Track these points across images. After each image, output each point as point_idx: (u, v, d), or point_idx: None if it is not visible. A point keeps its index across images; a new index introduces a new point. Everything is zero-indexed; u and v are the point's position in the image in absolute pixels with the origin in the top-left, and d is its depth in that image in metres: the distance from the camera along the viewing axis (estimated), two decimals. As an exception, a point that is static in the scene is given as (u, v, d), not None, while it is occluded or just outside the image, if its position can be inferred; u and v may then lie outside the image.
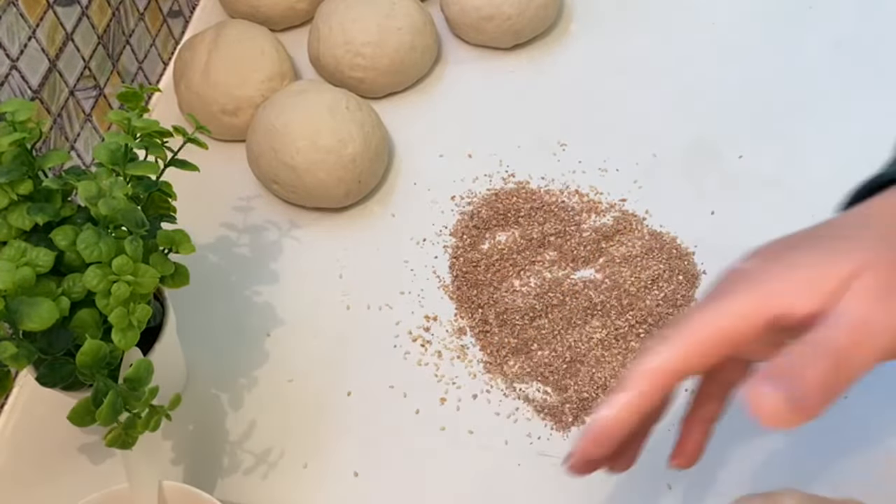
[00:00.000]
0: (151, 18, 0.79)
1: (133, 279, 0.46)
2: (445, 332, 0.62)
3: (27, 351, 0.44)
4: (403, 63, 0.75)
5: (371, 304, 0.64)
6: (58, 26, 0.64)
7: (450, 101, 0.77)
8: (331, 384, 0.60)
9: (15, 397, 0.61)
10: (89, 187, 0.47)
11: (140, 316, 0.46)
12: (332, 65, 0.75)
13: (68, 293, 0.46)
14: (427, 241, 0.67)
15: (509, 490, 0.55)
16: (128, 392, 0.45)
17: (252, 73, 0.72)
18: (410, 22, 0.75)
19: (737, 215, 0.66)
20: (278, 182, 0.68)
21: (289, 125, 0.66)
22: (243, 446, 0.58)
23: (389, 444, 0.57)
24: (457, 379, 0.60)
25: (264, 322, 0.64)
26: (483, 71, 0.78)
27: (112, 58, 0.73)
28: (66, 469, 0.57)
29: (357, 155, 0.66)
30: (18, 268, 0.43)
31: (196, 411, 0.59)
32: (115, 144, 0.50)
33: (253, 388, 0.60)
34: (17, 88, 0.60)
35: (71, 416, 0.45)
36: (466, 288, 0.64)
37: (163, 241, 0.51)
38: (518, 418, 0.58)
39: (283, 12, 0.80)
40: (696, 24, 0.78)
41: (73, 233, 0.46)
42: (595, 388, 0.58)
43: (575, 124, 0.72)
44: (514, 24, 0.76)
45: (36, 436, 0.59)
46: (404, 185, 0.71)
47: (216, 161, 0.64)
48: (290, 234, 0.68)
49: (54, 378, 0.47)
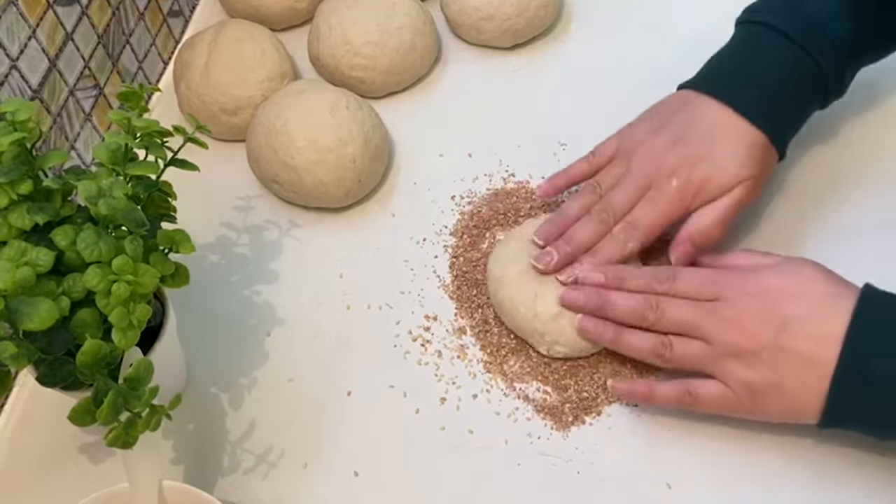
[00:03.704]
0: (151, 18, 0.79)
1: (133, 279, 0.46)
2: (445, 332, 0.62)
3: (27, 351, 0.44)
4: (403, 63, 0.75)
5: (371, 304, 0.64)
6: (58, 26, 0.64)
7: (450, 101, 0.77)
8: (331, 384, 0.60)
9: (15, 397, 0.61)
10: (89, 187, 0.47)
11: (140, 316, 0.46)
12: (331, 65, 0.75)
13: (68, 293, 0.45)
14: (427, 241, 0.67)
15: (509, 490, 0.55)
16: (128, 392, 0.45)
17: (252, 72, 0.72)
18: (410, 22, 0.75)
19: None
20: (278, 182, 0.68)
21: (289, 125, 0.66)
22: (243, 446, 0.58)
23: (389, 444, 0.57)
24: (457, 379, 0.60)
25: (264, 322, 0.64)
26: (483, 71, 0.78)
27: (112, 57, 0.73)
28: (66, 469, 0.57)
29: (357, 155, 0.66)
30: (18, 268, 0.43)
31: (196, 411, 0.59)
32: (115, 144, 0.50)
33: (253, 388, 0.60)
34: (17, 88, 0.60)
35: (71, 416, 0.45)
36: (466, 288, 0.64)
37: (163, 241, 0.51)
38: (518, 418, 0.58)
39: (283, 12, 0.80)
40: (695, 24, 0.78)
41: (73, 232, 0.46)
42: (595, 387, 0.58)
43: (575, 124, 0.72)
44: (514, 24, 0.76)
45: (36, 436, 0.59)
46: (404, 184, 0.71)
47: (216, 161, 0.64)
48: (290, 234, 0.68)
49: (54, 378, 0.47)
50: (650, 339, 0.55)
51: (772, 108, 0.60)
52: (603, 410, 0.57)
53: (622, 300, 0.56)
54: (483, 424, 0.57)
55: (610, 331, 0.56)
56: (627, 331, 0.56)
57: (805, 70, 0.60)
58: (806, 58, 0.59)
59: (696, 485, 0.54)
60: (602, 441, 0.56)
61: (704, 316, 0.53)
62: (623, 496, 0.54)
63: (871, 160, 0.68)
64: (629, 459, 0.55)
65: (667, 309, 0.55)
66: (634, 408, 0.57)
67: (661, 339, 0.55)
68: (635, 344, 0.56)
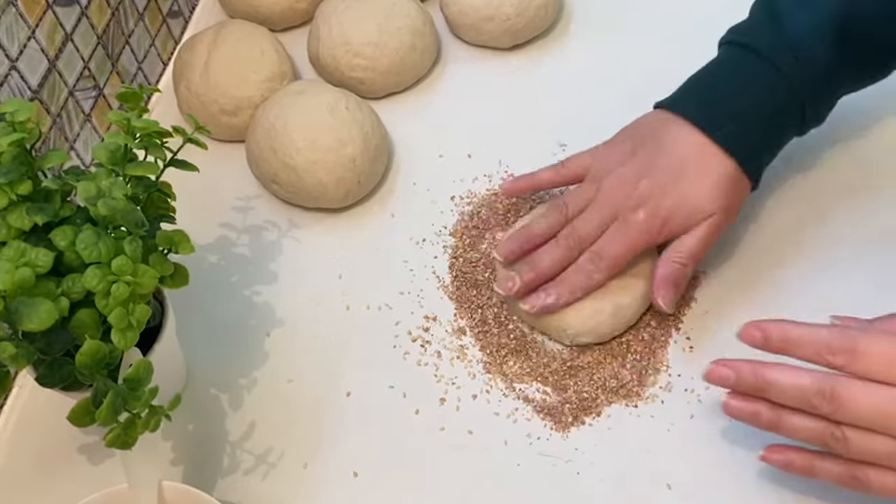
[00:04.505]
0: (151, 18, 0.79)
1: (132, 279, 0.46)
2: (445, 333, 0.62)
3: (27, 351, 0.44)
4: (403, 63, 0.75)
5: (371, 304, 0.64)
6: (57, 26, 0.64)
7: (450, 101, 0.77)
8: (331, 384, 0.60)
9: (15, 397, 0.61)
10: (89, 187, 0.47)
11: (139, 316, 0.46)
12: (331, 65, 0.75)
13: (68, 293, 0.45)
14: (427, 242, 0.67)
15: (509, 490, 0.55)
16: (127, 392, 0.45)
17: (252, 73, 0.72)
18: (410, 22, 0.75)
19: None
20: (278, 182, 0.68)
21: (289, 125, 0.66)
22: (243, 446, 0.58)
23: (389, 444, 0.57)
24: (456, 379, 0.60)
25: (264, 322, 0.64)
26: (483, 71, 0.78)
27: (112, 58, 0.73)
28: (66, 469, 0.57)
29: (357, 155, 0.66)
30: (18, 268, 0.43)
31: (196, 411, 0.59)
32: (115, 145, 0.50)
33: (253, 388, 0.60)
34: (17, 88, 0.60)
35: (71, 416, 0.45)
36: (466, 288, 0.64)
37: (162, 242, 0.51)
38: (518, 418, 0.58)
39: (283, 12, 0.80)
40: (695, 24, 0.78)
41: (73, 233, 0.46)
42: (595, 388, 0.58)
43: (575, 124, 0.72)
44: (514, 24, 0.76)
45: (36, 436, 0.59)
46: (404, 185, 0.71)
47: (216, 161, 0.64)
48: (290, 234, 0.68)
49: (54, 378, 0.47)
50: (818, 428, 0.46)
51: (745, 135, 0.58)
52: (603, 411, 0.57)
53: (787, 382, 0.46)
54: (483, 425, 0.57)
55: (765, 414, 0.48)
56: (787, 413, 0.47)
57: (783, 97, 0.58)
58: (784, 85, 0.58)
59: (696, 485, 0.54)
60: (602, 441, 0.56)
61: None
62: (623, 496, 0.54)
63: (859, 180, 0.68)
64: (629, 459, 0.55)
65: (846, 400, 0.44)
66: (634, 408, 0.57)
67: (832, 431, 0.45)
68: (798, 429, 0.47)
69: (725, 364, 0.49)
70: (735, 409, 0.49)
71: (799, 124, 0.60)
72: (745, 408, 0.49)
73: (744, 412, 0.49)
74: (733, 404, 0.49)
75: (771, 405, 0.48)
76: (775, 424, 0.48)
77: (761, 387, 0.47)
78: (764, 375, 0.47)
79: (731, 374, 0.48)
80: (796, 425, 0.47)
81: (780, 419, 0.47)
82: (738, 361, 0.49)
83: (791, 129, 0.61)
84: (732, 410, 0.49)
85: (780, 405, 0.47)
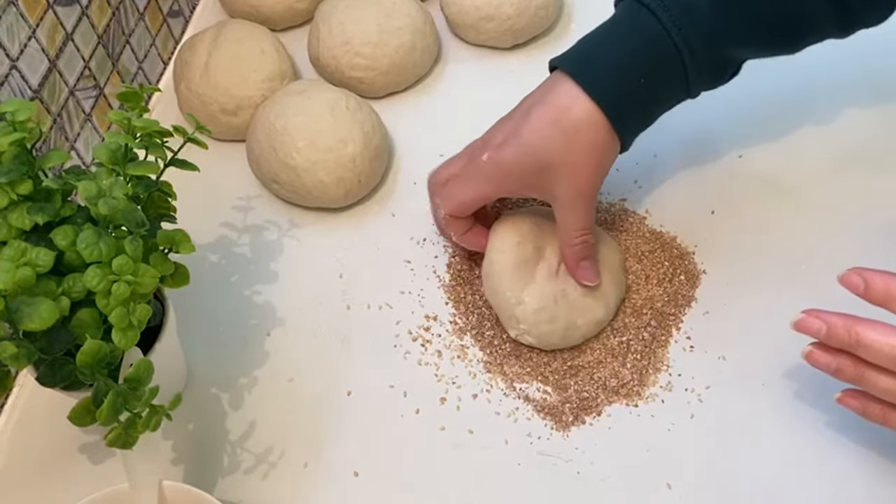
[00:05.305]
0: (151, 18, 0.79)
1: (133, 279, 0.46)
2: (445, 332, 0.62)
3: (27, 351, 0.44)
4: (403, 63, 0.75)
5: (371, 304, 0.64)
6: (58, 26, 0.64)
7: (450, 101, 0.77)
8: (331, 384, 0.60)
9: (15, 397, 0.61)
10: (89, 187, 0.47)
11: (140, 316, 0.46)
12: (331, 65, 0.75)
13: (68, 293, 0.46)
14: (427, 241, 0.67)
15: (509, 490, 0.55)
16: (128, 392, 0.45)
17: (252, 73, 0.72)
18: (410, 22, 0.75)
19: (737, 215, 0.66)
20: (278, 182, 0.68)
21: (289, 125, 0.66)
22: (243, 446, 0.58)
23: (389, 444, 0.57)
24: (457, 379, 0.60)
25: (264, 322, 0.64)
26: (483, 71, 0.78)
27: (112, 58, 0.73)
28: (66, 469, 0.57)
29: (357, 155, 0.66)
30: (18, 268, 0.43)
31: (196, 411, 0.59)
32: (115, 144, 0.50)
33: (253, 388, 0.60)
34: (17, 88, 0.60)
35: (71, 416, 0.45)
36: (466, 288, 0.64)
37: (163, 241, 0.51)
38: (518, 418, 0.58)
39: (283, 12, 0.80)
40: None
41: (73, 233, 0.46)
42: (595, 387, 0.58)
43: (575, 124, 0.72)
44: (514, 24, 0.76)
45: (36, 436, 0.59)
46: (404, 184, 0.71)
47: (216, 161, 0.64)
48: (290, 233, 0.68)
49: (54, 378, 0.47)
50: None
51: (617, 85, 0.55)
52: (603, 410, 0.57)
53: (882, 341, 0.47)
54: (483, 424, 0.57)
55: (848, 370, 0.49)
56: (871, 371, 0.48)
57: (663, 50, 0.54)
58: (664, 37, 0.54)
59: (696, 485, 0.54)
60: (602, 441, 0.56)
61: None
62: (623, 496, 0.54)
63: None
64: (629, 459, 0.55)
65: None
66: (634, 408, 0.57)
67: None
68: (881, 389, 0.48)
69: (818, 315, 0.49)
70: (819, 360, 0.49)
71: (683, 82, 0.56)
72: (829, 361, 0.49)
73: (828, 365, 0.49)
74: (818, 355, 0.49)
75: (855, 361, 0.48)
76: (857, 380, 0.48)
77: (852, 343, 0.47)
78: (858, 333, 0.47)
79: (823, 327, 0.48)
80: (879, 385, 0.47)
81: (864, 376, 0.48)
82: (829, 314, 0.49)
83: (674, 87, 0.57)
84: (816, 361, 0.49)
85: (865, 362, 0.48)
